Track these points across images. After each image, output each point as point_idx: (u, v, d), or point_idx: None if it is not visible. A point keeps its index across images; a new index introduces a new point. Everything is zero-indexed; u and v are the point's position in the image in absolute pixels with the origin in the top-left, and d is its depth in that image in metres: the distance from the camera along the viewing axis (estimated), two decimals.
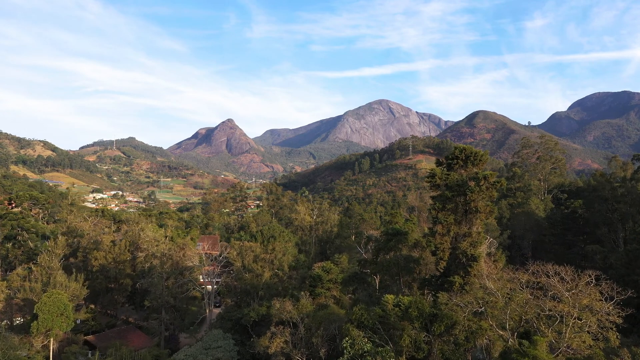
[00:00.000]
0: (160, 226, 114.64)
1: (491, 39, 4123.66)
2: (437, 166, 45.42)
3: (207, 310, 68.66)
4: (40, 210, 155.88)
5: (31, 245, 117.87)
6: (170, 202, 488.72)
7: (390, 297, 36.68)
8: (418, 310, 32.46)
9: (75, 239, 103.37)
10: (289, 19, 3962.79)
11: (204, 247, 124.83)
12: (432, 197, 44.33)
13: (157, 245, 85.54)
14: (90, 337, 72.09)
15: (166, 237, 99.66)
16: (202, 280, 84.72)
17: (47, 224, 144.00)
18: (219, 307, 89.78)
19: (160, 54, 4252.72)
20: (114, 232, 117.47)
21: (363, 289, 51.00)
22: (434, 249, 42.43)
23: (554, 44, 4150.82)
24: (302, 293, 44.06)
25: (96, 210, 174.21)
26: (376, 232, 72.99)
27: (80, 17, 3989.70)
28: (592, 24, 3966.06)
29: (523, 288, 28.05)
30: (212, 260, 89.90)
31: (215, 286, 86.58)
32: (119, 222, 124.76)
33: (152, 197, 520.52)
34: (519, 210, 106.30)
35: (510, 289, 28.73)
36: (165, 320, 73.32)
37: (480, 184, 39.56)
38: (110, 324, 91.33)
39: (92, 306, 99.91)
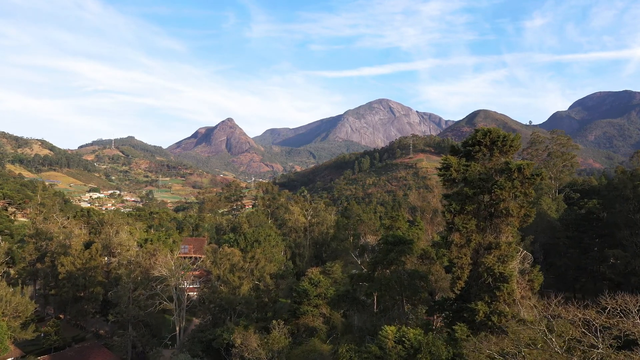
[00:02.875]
0: (150, 227, 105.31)
1: (490, 39, 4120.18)
2: (451, 155, 34.08)
3: (177, 328, 58.98)
4: (31, 210, 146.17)
5: (5, 246, 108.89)
6: (168, 201, 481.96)
7: (390, 330, 27.09)
8: (431, 356, 22.84)
9: (44, 242, 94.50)
10: (288, 18, 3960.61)
11: (190, 251, 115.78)
12: (446, 196, 33.32)
13: (127, 251, 76.27)
14: (44, 358, 62.43)
15: (145, 240, 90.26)
16: (186, 287, 75.30)
17: None
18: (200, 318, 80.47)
19: (159, 53, 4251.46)
20: (93, 234, 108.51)
21: (357, 311, 41.19)
22: (448, 264, 32.03)
23: (553, 43, 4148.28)
24: (274, 322, 34.14)
25: (81, 210, 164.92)
26: (374, 236, 63.25)
27: (79, 17, 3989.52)
28: (591, 24, 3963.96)
29: (597, 336, 18.41)
30: (195, 265, 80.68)
31: (194, 293, 77.21)
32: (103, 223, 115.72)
33: (150, 196, 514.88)
34: None
35: (575, 339, 19.07)
36: (132, 337, 63.83)
37: (513, 177, 29.33)
38: (78, 337, 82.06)
39: (61, 316, 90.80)
